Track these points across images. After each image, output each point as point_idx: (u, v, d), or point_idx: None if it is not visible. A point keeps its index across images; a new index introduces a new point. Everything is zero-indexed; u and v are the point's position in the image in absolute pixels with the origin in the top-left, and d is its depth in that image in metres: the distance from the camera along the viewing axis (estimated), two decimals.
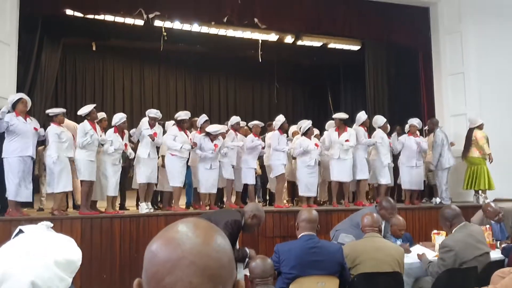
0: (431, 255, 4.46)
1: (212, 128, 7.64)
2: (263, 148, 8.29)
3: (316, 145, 8.13)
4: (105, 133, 7.19)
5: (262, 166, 9.20)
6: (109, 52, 14.53)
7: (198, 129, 8.02)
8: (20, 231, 1.56)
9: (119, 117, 7.30)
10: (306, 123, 8.21)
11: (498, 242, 5.17)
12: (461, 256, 3.88)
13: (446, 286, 3.37)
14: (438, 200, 8.60)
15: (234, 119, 8.38)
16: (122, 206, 8.02)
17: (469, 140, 8.61)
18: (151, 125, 7.43)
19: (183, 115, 7.62)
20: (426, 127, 9.17)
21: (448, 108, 9.80)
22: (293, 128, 9.25)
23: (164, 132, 7.75)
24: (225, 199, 8.20)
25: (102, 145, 6.98)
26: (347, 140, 8.12)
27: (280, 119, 8.17)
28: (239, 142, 7.97)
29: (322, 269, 3.46)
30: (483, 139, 8.49)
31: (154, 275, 0.87)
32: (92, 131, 6.83)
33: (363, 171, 8.33)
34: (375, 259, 3.73)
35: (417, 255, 4.47)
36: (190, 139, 7.63)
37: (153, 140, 7.24)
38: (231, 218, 4.28)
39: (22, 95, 6.64)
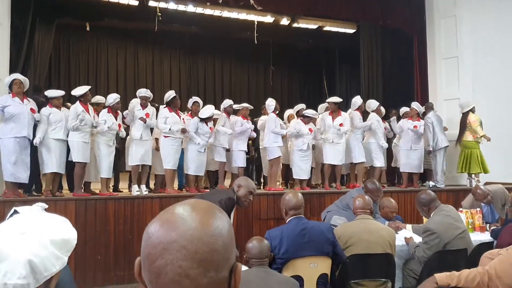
0: (419, 239, 4.51)
1: (204, 113, 7.62)
2: (254, 130, 8.33)
3: (310, 130, 8.14)
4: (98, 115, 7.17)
5: (257, 149, 9.23)
6: (103, 33, 14.41)
7: (189, 112, 8.01)
8: (15, 212, 1.58)
9: (113, 98, 7.27)
10: (300, 107, 8.25)
11: (488, 225, 5.24)
12: (444, 237, 3.94)
13: (436, 268, 3.42)
14: (431, 183, 8.68)
15: (227, 102, 8.37)
16: (116, 188, 8.04)
17: (463, 125, 8.65)
18: (143, 106, 7.41)
19: (172, 93, 7.59)
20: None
21: (441, 92, 9.84)
22: (289, 112, 9.26)
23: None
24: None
25: (95, 127, 6.95)
26: (341, 125, 8.17)
27: (271, 102, 8.17)
28: (228, 130, 7.96)
29: (314, 250, 3.50)
30: (476, 122, 8.53)
31: (147, 257, 0.88)
32: (84, 112, 6.79)
33: (360, 155, 8.39)
34: (367, 240, 3.77)
35: (404, 238, 4.50)
36: (183, 119, 7.61)
37: (144, 122, 7.21)
38: (224, 197, 4.31)
39: (17, 75, 6.60)
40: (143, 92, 7.49)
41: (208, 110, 7.68)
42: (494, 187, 6.10)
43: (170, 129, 7.24)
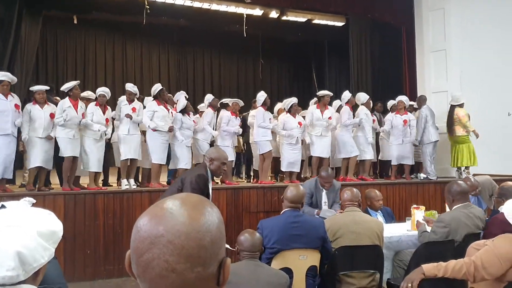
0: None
1: (180, 105, 7.60)
2: (242, 125, 8.38)
3: (299, 123, 8.16)
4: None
5: (247, 143, 9.23)
6: (91, 25, 14.27)
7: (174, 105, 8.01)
8: (3, 206, 1.58)
9: (101, 90, 7.28)
10: (290, 101, 8.23)
11: None
12: (453, 234, 3.94)
13: (424, 258, 3.46)
14: (423, 175, 8.77)
15: (210, 96, 8.34)
16: (105, 183, 8.01)
17: (451, 118, 8.72)
18: (130, 101, 7.37)
19: (159, 86, 7.54)
20: (415, 104, 9.24)
21: (429, 84, 9.89)
22: (278, 106, 9.25)
23: (144, 107, 7.67)
24: None
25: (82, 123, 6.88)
26: (329, 118, 8.22)
27: (261, 95, 8.16)
28: (215, 132, 7.95)
29: (304, 243, 3.53)
30: (466, 117, 8.60)
31: (136, 250, 0.88)
32: (71, 108, 6.74)
33: (353, 148, 8.41)
34: (355, 232, 3.80)
35: (416, 221, 4.59)
36: (171, 113, 7.59)
37: (130, 118, 7.17)
38: (194, 175, 4.22)
39: (2, 76, 6.48)
40: (130, 87, 7.45)
41: (181, 101, 7.64)
42: (482, 178, 6.17)
43: (151, 126, 7.16)
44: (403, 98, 8.91)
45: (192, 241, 0.86)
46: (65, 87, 6.93)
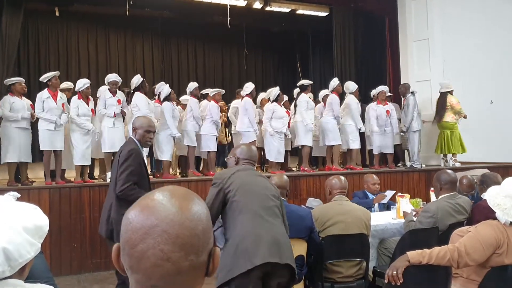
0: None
1: (164, 92, 7.56)
2: (226, 116, 8.42)
3: (287, 112, 8.18)
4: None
5: (230, 133, 9.23)
6: (73, 17, 14.04)
7: (156, 97, 7.94)
8: None
9: (82, 83, 7.19)
10: (275, 90, 8.23)
11: None
12: (439, 224, 3.98)
13: (409, 246, 3.50)
14: (409, 163, 8.87)
15: (192, 85, 8.18)
16: (91, 176, 7.95)
17: (443, 105, 8.79)
18: (113, 93, 7.30)
19: (140, 77, 7.47)
20: (399, 91, 9.28)
21: (413, 74, 9.96)
22: (262, 96, 9.24)
23: (128, 100, 7.59)
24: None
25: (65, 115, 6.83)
26: None
27: (250, 85, 8.15)
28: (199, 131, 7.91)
29: (291, 233, 3.55)
30: (459, 104, 8.71)
31: (128, 241, 0.89)
32: (50, 99, 6.68)
33: (335, 137, 8.44)
34: (343, 222, 3.82)
35: (403, 212, 4.68)
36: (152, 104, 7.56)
37: (125, 114, 7.13)
38: (125, 152, 3.94)
39: None
40: (113, 77, 7.36)
41: (165, 89, 7.59)
42: (476, 172, 6.15)
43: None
44: (384, 88, 8.98)
45: (186, 230, 0.89)
46: (44, 77, 6.87)
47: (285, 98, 8.69)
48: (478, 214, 3.95)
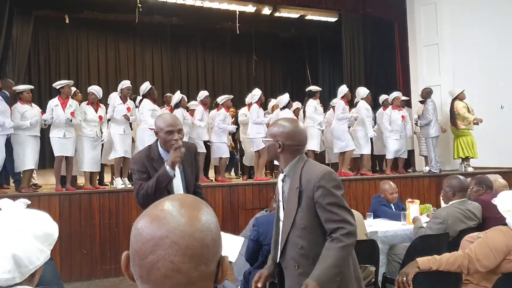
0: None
1: (175, 98, 7.63)
2: (237, 124, 8.49)
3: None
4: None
5: (238, 140, 9.26)
6: (83, 25, 14.17)
7: (169, 105, 7.98)
8: None
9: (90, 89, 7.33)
10: (284, 97, 8.24)
11: None
12: (450, 230, 3.93)
13: (419, 252, 3.48)
14: (427, 168, 8.82)
15: (203, 93, 8.26)
16: (101, 182, 7.99)
17: (451, 112, 8.84)
18: (124, 100, 7.34)
19: (148, 84, 7.53)
20: (420, 95, 9.23)
21: (422, 79, 9.93)
22: (273, 102, 9.26)
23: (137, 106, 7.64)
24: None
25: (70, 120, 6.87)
26: None
27: (256, 92, 8.17)
28: (201, 123, 7.89)
29: None
30: (463, 109, 8.68)
31: (138, 252, 0.90)
32: (58, 107, 6.73)
33: (349, 143, 8.43)
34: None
35: (413, 218, 4.64)
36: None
37: (128, 119, 7.17)
38: (144, 154, 3.41)
39: None
40: (127, 83, 7.41)
41: (176, 95, 7.67)
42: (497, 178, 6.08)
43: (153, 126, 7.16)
44: (398, 93, 8.99)
45: (196, 241, 0.89)
46: (58, 83, 6.96)
47: (297, 105, 8.68)
48: (489, 211, 3.92)
